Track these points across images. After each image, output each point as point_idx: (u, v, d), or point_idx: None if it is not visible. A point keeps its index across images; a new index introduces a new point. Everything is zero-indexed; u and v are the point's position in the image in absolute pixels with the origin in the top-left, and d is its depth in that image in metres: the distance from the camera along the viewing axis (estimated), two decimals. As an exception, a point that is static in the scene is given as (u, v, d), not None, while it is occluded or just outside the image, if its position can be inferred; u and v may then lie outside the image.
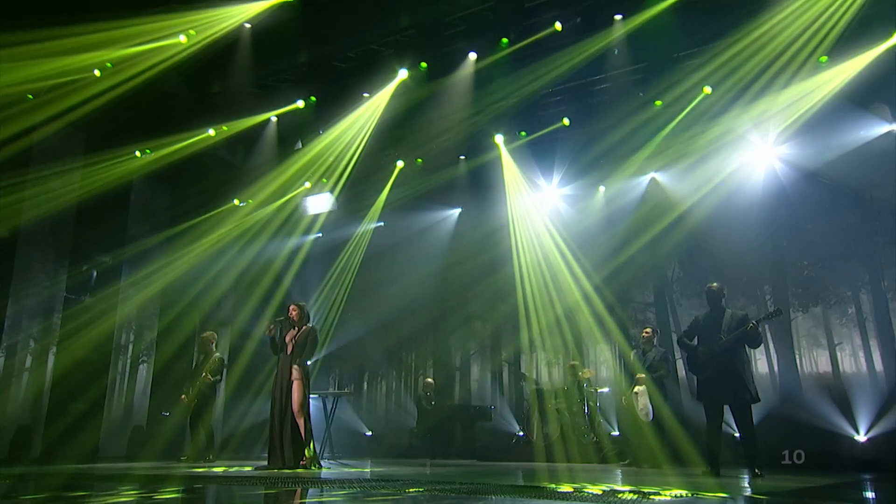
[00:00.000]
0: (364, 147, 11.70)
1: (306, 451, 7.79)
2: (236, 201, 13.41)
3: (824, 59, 9.65)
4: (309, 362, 8.23)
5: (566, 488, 5.30)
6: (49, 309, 11.73)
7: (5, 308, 11.28)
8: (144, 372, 14.01)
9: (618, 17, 9.48)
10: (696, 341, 7.54)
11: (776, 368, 13.61)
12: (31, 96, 11.24)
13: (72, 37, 9.71)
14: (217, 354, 10.64)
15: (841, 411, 10.06)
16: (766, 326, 11.45)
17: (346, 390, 12.35)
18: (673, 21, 9.28)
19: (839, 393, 10.37)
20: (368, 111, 11.32)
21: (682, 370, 11.28)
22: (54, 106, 10.81)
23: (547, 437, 10.69)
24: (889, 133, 10.31)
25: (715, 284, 7.62)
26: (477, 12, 9.98)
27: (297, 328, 8.09)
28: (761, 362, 15.19)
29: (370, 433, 13.99)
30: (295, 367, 7.88)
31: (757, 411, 7.51)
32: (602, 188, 13.04)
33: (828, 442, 9.50)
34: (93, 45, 10.24)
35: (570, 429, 10.67)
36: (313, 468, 7.79)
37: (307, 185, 13.10)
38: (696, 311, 8.52)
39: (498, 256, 13.10)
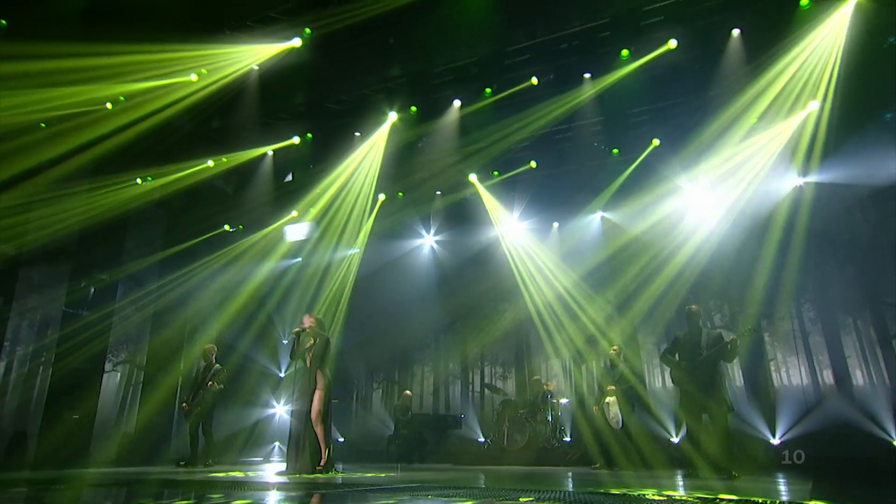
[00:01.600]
0: (364, 187, 12.34)
1: (323, 456, 7.80)
2: (227, 227, 13.78)
3: (754, 120, 10.89)
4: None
5: (654, 495, 5.10)
6: (49, 322, 11.82)
7: (6, 321, 11.35)
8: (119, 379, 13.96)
9: (587, 75, 10.46)
10: (677, 357, 8.03)
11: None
12: (43, 125, 11.41)
13: (91, 56, 9.85)
14: (218, 365, 10.84)
15: (765, 419, 11.14)
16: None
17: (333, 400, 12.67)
18: (631, 82, 10.30)
19: (768, 403, 11.40)
20: (368, 155, 11.97)
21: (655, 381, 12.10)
22: (65, 140, 10.89)
23: (515, 444, 11.30)
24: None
25: (694, 307, 8.13)
26: (463, 65, 10.81)
27: (313, 339, 8.05)
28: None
29: (342, 439, 14.35)
30: (318, 377, 7.93)
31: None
32: (556, 224, 13.99)
33: (748, 444, 10.52)
34: (108, 74, 10.46)
35: (536, 435, 11.40)
36: (331, 472, 7.80)
37: (294, 213, 13.56)
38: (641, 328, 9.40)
39: (468, 282, 13.78)
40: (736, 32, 9.52)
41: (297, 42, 10.33)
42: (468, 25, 9.99)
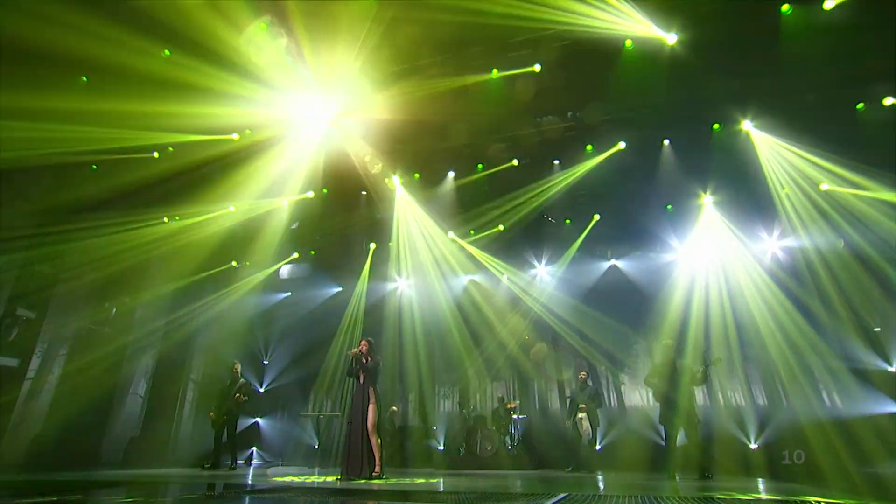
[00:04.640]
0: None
1: (378, 462, 8.09)
2: (234, 263, 14.48)
3: (669, 207, 13.34)
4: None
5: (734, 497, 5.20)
6: (76, 337, 12.15)
7: (38, 334, 11.49)
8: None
9: (556, 161, 12.41)
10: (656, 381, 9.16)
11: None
12: (94, 167, 11.85)
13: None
14: (243, 380, 11.40)
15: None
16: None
17: (335, 413, 13.53)
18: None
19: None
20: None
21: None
22: (109, 182, 11.44)
23: (486, 452, 12.49)
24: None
25: (670, 341, 9.41)
26: (458, 146, 12.36)
27: (366, 359, 8.38)
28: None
29: (317, 446, 14.90)
30: (370, 393, 8.26)
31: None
32: (505, 276, 15.78)
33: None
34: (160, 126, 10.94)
35: (501, 445, 12.64)
36: (384, 479, 7.99)
37: (295, 255, 14.49)
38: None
39: (440, 318, 15.15)
40: (667, 142, 11.81)
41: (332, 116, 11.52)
42: (466, 115, 11.69)
